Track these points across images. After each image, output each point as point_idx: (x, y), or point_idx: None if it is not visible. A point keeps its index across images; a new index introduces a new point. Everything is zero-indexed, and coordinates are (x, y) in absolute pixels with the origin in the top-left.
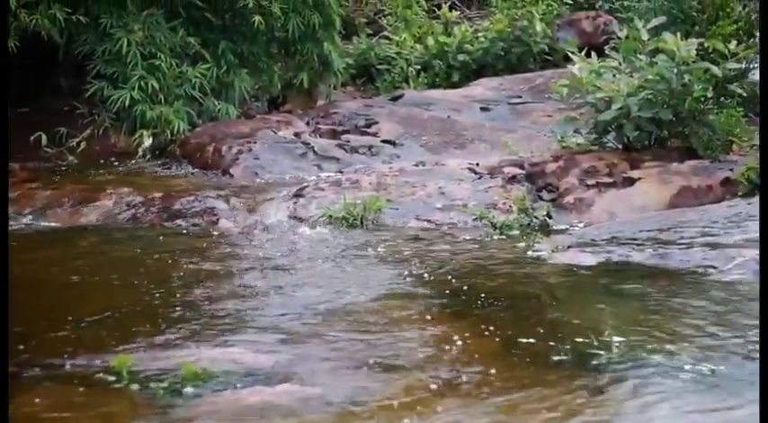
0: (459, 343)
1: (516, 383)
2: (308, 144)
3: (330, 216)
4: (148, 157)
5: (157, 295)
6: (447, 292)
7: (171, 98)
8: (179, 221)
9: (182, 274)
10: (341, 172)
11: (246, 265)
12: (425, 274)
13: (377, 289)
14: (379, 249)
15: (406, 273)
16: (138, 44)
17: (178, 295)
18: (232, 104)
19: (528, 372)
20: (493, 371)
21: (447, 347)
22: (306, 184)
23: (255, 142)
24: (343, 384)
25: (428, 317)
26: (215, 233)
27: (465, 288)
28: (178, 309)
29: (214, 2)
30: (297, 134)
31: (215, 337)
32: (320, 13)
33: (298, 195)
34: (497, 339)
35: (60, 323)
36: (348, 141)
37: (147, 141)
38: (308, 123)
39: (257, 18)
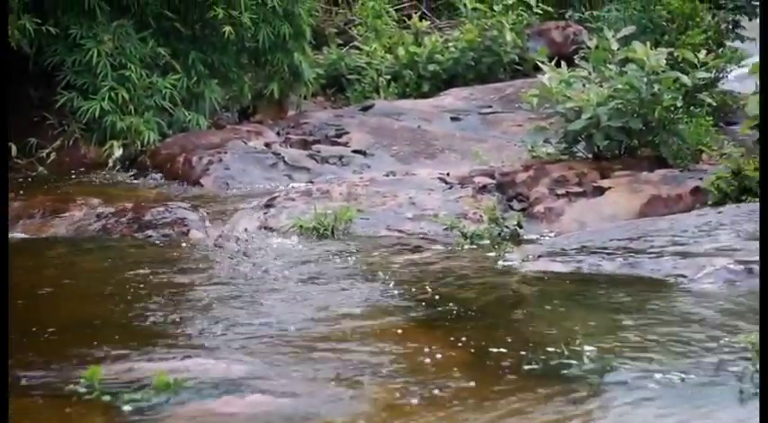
0: (431, 353)
1: (489, 394)
2: (279, 154)
3: (301, 226)
4: (119, 167)
5: (128, 306)
6: (418, 302)
7: (141, 109)
8: (149, 232)
9: (152, 285)
10: (311, 182)
11: (217, 276)
12: (396, 285)
13: (348, 299)
14: (349, 260)
15: (377, 283)
16: (108, 55)
17: (149, 306)
18: (202, 115)
19: (500, 382)
20: (465, 381)
21: (419, 358)
22: (276, 195)
23: (226, 153)
24: (314, 395)
25: (399, 327)
26: (185, 244)
27: (436, 298)
28: (149, 320)
29: (184, 12)
30: (267, 144)
31: (186, 348)
32: (290, 23)
33: (268, 205)
34: (469, 350)
35: (29, 334)
36: (319, 151)
37: (118, 152)
38: (278, 133)
39: (227, 28)
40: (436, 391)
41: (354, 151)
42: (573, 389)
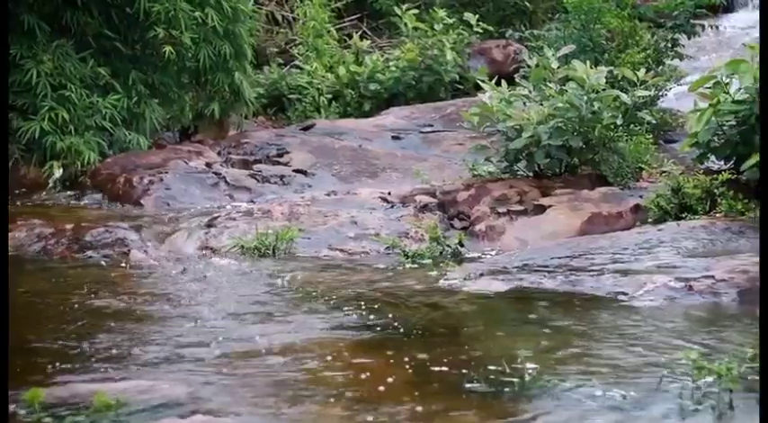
0: (372, 372)
1: (430, 413)
2: (220, 174)
3: (242, 246)
4: (59, 188)
5: (68, 328)
6: (360, 321)
7: (81, 129)
8: (90, 253)
9: (92, 306)
10: (253, 202)
11: (158, 297)
12: (337, 304)
13: (289, 319)
14: (290, 279)
15: (318, 303)
16: (48, 75)
17: (89, 328)
18: (143, 135)
19: (441, 401)
20: (406, 401)
21: (360, 377)
22: (217, 215)
23: (167, 173)
24: (256, 416)
25: (340, 346)
26: (126, 265)
27: (377, 317)
28: (89, 341)
29: (124, 32)
30: (208, 164)
31: (127, 369)
32: (231, 43)
33: (209, 226)
34: (410, 368)
35: None
36: (260, 171)
37: (58, 172)
38: (219, 153)
39: (168, 48)
40: (377, 410)
41: (296, 171)
42: (514, 407)
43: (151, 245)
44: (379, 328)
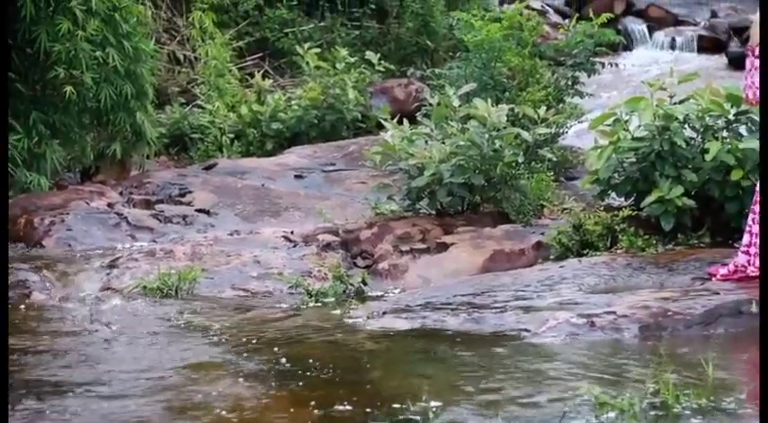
0: (276, 413)
1: None
2: (122, 214)
3: (144, 287)
4: None
5: None
6: (262, 361)
7: None
8: None
9: None
10: (155, 242)
11: (58, 338)
12: (239, 345)
13: (189, 360)
14: (192, 320)
15: (220, 343)
16: None
17: None
18: (44, 176)
19: None
20: None
21: (263, 418)
22: (119, 255)
23: (68, 213)
24: None
25: (242, 387)
26: (27, 306)
27: (280, 357)
28: None
29: (25, 72)
30: (110, 205)
31: (25, 411)
32: (132, 82)
33: (111, 266)
34: (314, 408)
35: None
36: (162, 211)
37: None
38: (121, 193)
39: (69, 88)
40: None
41: (198, 210)
42: None
43: (53, 286)
44: (282, 368)
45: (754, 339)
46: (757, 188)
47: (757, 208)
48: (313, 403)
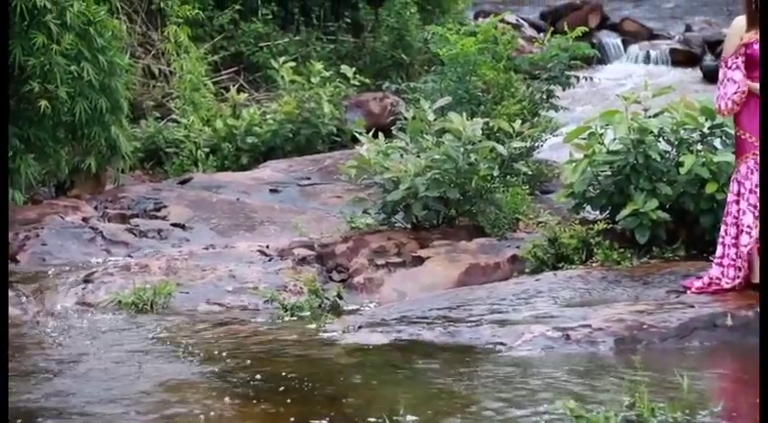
0: None
1: None
2: (97, 229)
3: (119, 301)
4: None
5: None
6: (238, 376)
7: None
8: None
9: None
10: (130, 256)
11: (34, 354)
12: (215, 359)
13: (163, 378)
14: (167, 334)
15: (195, 358)
16: None
17: None
18: (18, 190)
19: None
20: None
21: None
22: (94, 270)
23: (43, 228)
24: None
25: (219, 403)
26: None
27: (256, 372)
28: None
29: None
30: (85, 219)
31: None
32: (107, 97)
33: (86, 281)
34: None
35: None
36: (137, 225)
37: None
38: (96, 208)
39: (43, 102)
40: None
41: (173, 225)
42: None
43: (28, 301)
44: (258, 383)
45: (729, 352)
46: (728, 200)
47: (729, 219)
48: (288, 419)
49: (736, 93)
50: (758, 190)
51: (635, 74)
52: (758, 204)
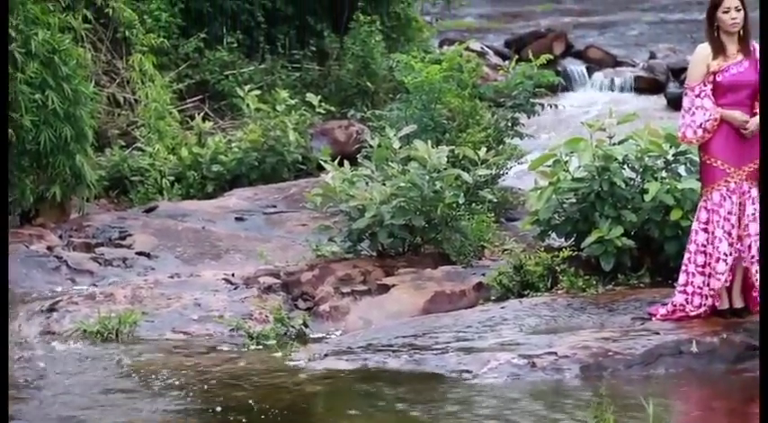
0: None
1: None
2: (61, 258)
3: (84, 330)
4: None
5: None
6: (201, 405)
7: None
8: None
9: None
10: (95, 285)
11: None
12: (178, 389)
13: (125, 405)
14: (131, 363)
15: (158, 387)
16: None
17: None
18: None
19: None
20: None
21: None
22: (59, 299)
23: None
24: None
25: None
26: None
27: (220, 401)
28: None
29: None
30: (50, 248)
31: None
32: (72, 125)
33: (51, 310)
34: None
35: None
36: (102, 254)
37: None
38: (61, 237)
39: (8, 131)
40: None
41: (138, 253)
42: None
43: None
44: (221, 412)
45: (694, 379)
46: (693, 228)
47: (692, 247)
48: None
49: (708, 120)
50: (732, 217)
51: (599, 101)
52: (732, 231)
